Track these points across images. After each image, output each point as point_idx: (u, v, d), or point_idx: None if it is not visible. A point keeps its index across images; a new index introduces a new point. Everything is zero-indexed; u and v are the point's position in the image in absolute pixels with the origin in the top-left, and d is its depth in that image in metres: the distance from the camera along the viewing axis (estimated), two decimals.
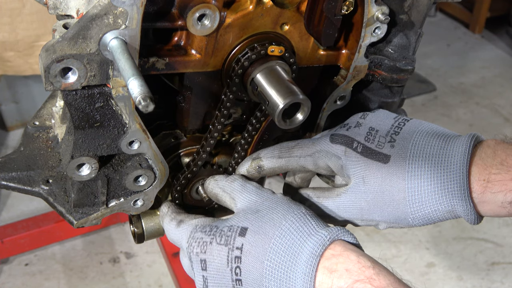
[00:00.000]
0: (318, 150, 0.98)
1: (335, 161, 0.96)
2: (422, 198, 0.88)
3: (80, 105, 0.82)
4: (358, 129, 0.96)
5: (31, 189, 1.02)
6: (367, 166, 0.92)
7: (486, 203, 0.86)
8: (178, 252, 2.68)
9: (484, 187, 0.85)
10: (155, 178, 0.98)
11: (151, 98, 0.69)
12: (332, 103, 1.08)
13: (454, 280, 2.72)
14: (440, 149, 0.89)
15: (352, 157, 0.94)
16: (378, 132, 0.95)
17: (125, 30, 0.76)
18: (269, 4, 0.88)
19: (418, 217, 0.89)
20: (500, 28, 5.10)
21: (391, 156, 0.91)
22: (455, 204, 0.86)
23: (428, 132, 0.93)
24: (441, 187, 0.86)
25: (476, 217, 0.87)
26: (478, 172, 0.86)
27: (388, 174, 0.90)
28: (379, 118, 0.98)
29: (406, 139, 0.92)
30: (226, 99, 0.94)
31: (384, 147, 0.92)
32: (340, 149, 0.95)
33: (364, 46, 0.99)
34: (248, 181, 0.95)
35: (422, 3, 1.02)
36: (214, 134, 0.99)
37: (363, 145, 0.93)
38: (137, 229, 1.11)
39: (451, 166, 0.86)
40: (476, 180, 0.85)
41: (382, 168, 0.91)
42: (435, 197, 0.87)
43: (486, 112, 4.04)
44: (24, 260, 2.69)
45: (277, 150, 1.00)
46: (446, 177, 0.86)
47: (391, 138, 0.93)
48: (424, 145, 0.90)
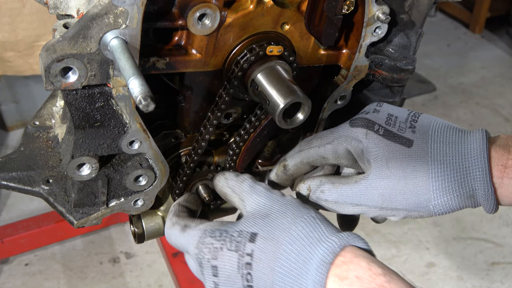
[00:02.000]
0: (337, 137, 0.96)
1: (355, 144, 0.94)
2: (445, 183, 0.87)
3: (81, 105, 0.82)
4: (377, 114, 0.95)
5: (31, 189, 1.02)
6: (390, 149, 0.90)
7: (504, 188, 0.86)
8: (178, 252, 2.68)
9: (502, 172, 0.86)
10: (155, 178, 0.97)
11: (151, 98, 0.69)
12: (332, 103, 1.08)
13: (454, 280, 2.72)
14: (459, 137, 0.90)
15: (374, 139, 0.92)
16: (397, 118, 0.94)
17: (126, 29, 0.76)
18: (270, 4, 0.88)
19: (440, 204, 0.88)
20: (500, 28, 5.10)
21: (414, 141, 0.90)
22: (477, 188, 0.86)
23: (443, 124, 0.94)
24: (463, 172, 0.87)
25: (494, 203, 0.87)
26: (497, 157, 0.87)
27: (412, 159, 0.89)
28: (395, 108, 0.98)
29: (425, 127, 0.92)
30: (222, 101, 0.94)
31: (406, 132, 0.92)
32: (361, 132, 0.94)
33: (364, 46, 0.99)
34: (257, 183, 0.93)
35: (423, 3, 1.02)
36: (205, 136, 0.98)
37: (385, 128, 0.92)
38: (137, 229, 1.11)
39: (471, 152, 0.87)
40: (495, 165, 0.87)
41: (406, 152, 0.90)
42: (458, 182, 0.87)
43: (486, 112, 4.04)
44: (24, 260, 2.69)
45: (297, 147, 1.01)
46: (468, 162, 0.87)
47: (411, 125, 0.93)
48: (442, 133, 0.91)
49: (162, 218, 1.13)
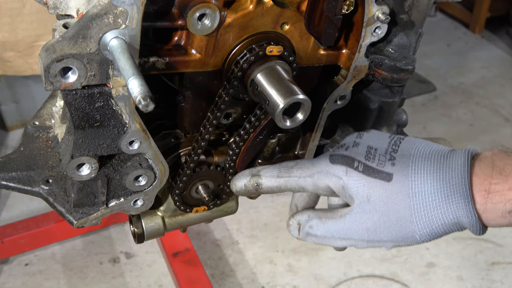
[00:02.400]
0: (318, 171, 0.96)
1: (336, 181, 0.94)
2: (428, 213, 0.88)
3: (80, 105, 0.82)
4: (357, 149, 0.95)
5: (31, 189, 1.02)
6: (370, 185, 0.91)
7: (489, 213, 0.86)
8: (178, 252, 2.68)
9: (485, 197, 0.85)
10: (155, 178, 0.97)
11: (151, 98, 0.69)
12: (332, 103, 1.08)
13: (454, 280, 2.72)
14: (440, 164, 0.89)
15: (354, 177, 0.92)
16: (377, 150, 0.94)
17: (125, 29, 0.76)
18: (269, 4, 0.88)
19: (425, 234, 0.89)
20: (500, 28, 5.09)
21: (394, 174, 0.90)
22: (461, 216, 0.86)
23: (425, 149, 0.93)
24: (445, 201, 0.87)
25: (481, 228, 0.87)
26: (479, 183, 0.86)
27: (393, 192, 0.89)
28: (375, 137, 0.97)
29: (405, 156, 0.92)
30: (221, 101, 0.94)
31: (385, 165, 0.92)
32: (341, 169, 0.94)
33: (364, 46, 0.98)
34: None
35: (423, 3, 1.02)
36: (205, 136, 0.98)
37: (364, 164, 0.92)
38: (137, 229, 1.11)
39: (453, 179, 0.87)
40: (478, 191, 0.86)
41: (386, 187, 0.90)
42: (441, 212, 0.87)
43: (486, 112, 4.04)
44: (24, 260, 2.69)
45: (276, 170, 0.98)
46: (450, 190, 0.87)
47: (390, 156, 0.92)
48: (424, 161, 0.90)
49: (162, 218, 1.13)
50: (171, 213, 1.13)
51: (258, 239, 2.86)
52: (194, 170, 1.05)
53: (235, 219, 2.93)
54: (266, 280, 2.66)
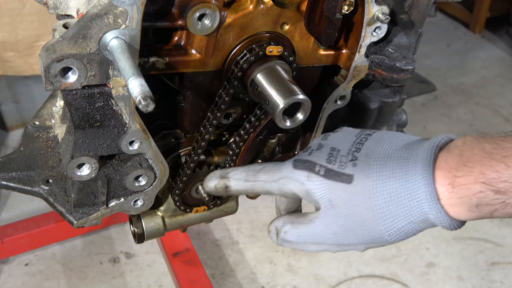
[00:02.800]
0: (282, 177, 0.95)
1: (299, 187, 0.93)
2: (392, 213, 0.85)
3: (80, 105, 0.82)
4: (320, 152, 0.93)
5: (31, 189, 1.02)
6: (331, 189, 0.89)
7: (457, 208, 0.82)
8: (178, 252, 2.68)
9: (450, 192, 0.81)
10: (155, 178, 0.98)
11: (151, 98, 0.69)
12: (332, 103, 1.08)
13: (454, 280, 2.72)
14: (403, 160, 0.86)
15: (315, 181, 0.91)
16: (339, 151, 0.92)
17: (125, 29, 0.76)
18: (269, 4, 0.88)
19: (394, 233, 0.86)
20: (500, 28, 5.09)
21: (354, 175, 0.87)
22: (427, 212, 0.82)
23: (391, 143, 0.90)
24: (408, 198, 0.83)
25: (451, 223, 0.83)
26: (443, 176, 0.81)
27: (354, 194, 0.87)
28: (340, 136, 0.95)
29: (368, 155, 0.89)
30: (221, 101, 0.94)
31: (346, 167, 0.89)
32: (303, 175, 0.92)
33: (364, 46, 0.99)
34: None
35: (422, 3, 1.02)
36: (205, 136, 0.98)
37: (325, 168, 0.90)
38: (137, 229, 1.11)
39: (415, 175, 0.83)
40: (442, 185, 0.81)
41: (347, 189, 0.88)
42: (405, 209, 0.84)
43: (486, 112, 4.04)
44: (24, 260, 2.68)
45: (244, 173, 0.98)
46: (412, 187, 0.83)
47: (352, 156, 0.90)
48: (386, 158, 0.87)
49: (162, 218, 1.13)
50: (171, 213, 1.13)
51: (258, 239, 2.86)
52: (194, 170, 1.05)
53: (235, 219, 2.93)
54: (266, 280, 2.66)
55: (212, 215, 1.18)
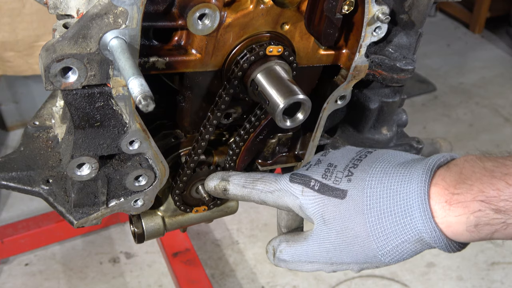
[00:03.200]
0: (278, 189, 0.94)
1: (293, 200, 0.92)
2: (385, 230, 0.81)
3: (80, 105, 0.82)
4: (317, 167, 0.93)
5: (31, 189, 1.02)
6: (324, 204, 0.87)
7: (454, 227, 0.77)
8: (178, 252, 2.68)
9: (446, 210, 0.77)
10: (155, 178, 0.98)
11: (151, 98, 0.69)
12: (332, 103, 1.08)
13: (454, 280, 2.72)
14: (400, 176, 0.83)
15: (309, 196, 0.89)
16: (336, 167, 0.90)
17: (125, 29, 0.76)
18: (270, 4, 0.88)
19: (387, 253, 0.82)
20: (500, 28, 5.09)
21: (348, 191, 0.86)
22: (421, 230, 0.78)
23: (389, 161, 0.87)
24: (402, 215, 0.80)
25: (449, 244, 0.79)
26: (438, 193, 0.78)
27: (347, 210, 0.85)
28: (340, 153, 0.95)
29: (364, 171, 0.87)
30: (222, 100, 0.94)
31: (341, 182, 0.87)
32: (298, 189, 0.92)
33: (364, 46, 0.98)
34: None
35: (423, 3, 1.02)
36: (205, 136, 0.98)
37: (320, 183, 0.89)
38: (137, 229, 1.11)
39: (410, 192, 0.79)
40: (437, 203, 0.78)
41: (340, 205, 0.86)
42: (399, 227, 0.80)
43: (486, 112, 4.04)
44: (24, 260, 2.69)
45: (243, 179, 0.98)
46: (407, 204, 0.79)
47: (348, 172, 0.88)
48: (382, 175, 0.84)
49: (162, 218, 1.13)
50: (171, 213, 1.13)
51: (258, 239, 2.86)
52: (194, 170, 1.05)
53: (235, 219, 2.93)
54: (266, 280, 2.66)
55: (212, 215, 1.18)
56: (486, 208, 0.73)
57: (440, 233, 0.78)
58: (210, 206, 1.14)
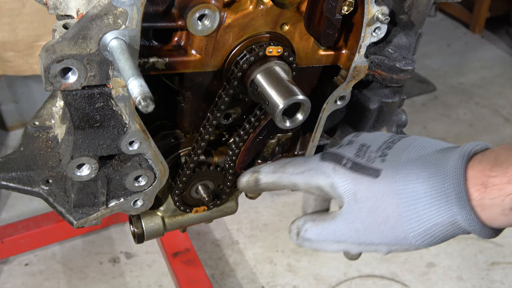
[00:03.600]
0: (309, 169, 0.93)
1: (324, 179, 0.91)
2: (418, 211, 0.80)
3: (80, 105, 0.82)
4: (349, 147, 0.92)
5: (31, 189, 1.02)
6: (356, 182, 0.86)
7: (488, 210, 0.76)
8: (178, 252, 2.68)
9: (482, 192, 0.76)
10: (155, 178, 0.98)
11: (151, 98, 0.69)
12: (332, 103, 1.08)
13: (454, 280, 2.72)
14: (435, 159, 0.82)
15: (341, 174, 0.89)
16: (369, 148, 0.90)
17: (125, 30, 0.76)
18: (269, 5, 0.88)
19: (419, 235, 0.81)
20: (500, 28, 5.09)
21: (382, 170, 0.85)
22: (455, 213, 0.78)
23: (425, 146, 0.86)
24: (437, 197, 0.79)
25: (483, 228, 0.78)
26: (474, 176, 0.77)
27: (379, 190, 0.84)
28: (373, 136, 0.94)
29: (398, 153, 0.86)
30: (221, 101, 0.94)
31: (374, 162, 0.86)
32: (329, 167, 0.90)
33: (364, 46, 0.99)
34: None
35: (422, 3, 1.02)
36: (205, 136, 0.98)
37: (353, 161, 0.88)
38: (137, 229, 1.11)
39: (446, 174, 0.79)
40: (474, 185, 0.77)
41: (373, 184, 0.85)
42: (433, 209, 0.79)
43: (486, 112, 4.04)
44: (24, 260, 2.69)
45: (273, 166, 0.97)
46: (442, 185, 0.79)
47: (382, 153, 0.87)
48: (418, 158, 0.84)
49: (162, 218, 1.13)
50: (171, 213, 1.13)
51: (258, 239, 2.86)
52: (194, 170, 1.05)
53: (235, 219, 2.93)
54: (266, 280, 2.66)
55: (212, 215, 1.19)
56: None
57: (475, 217, 0.77)
58: (210, 206, 1.14)
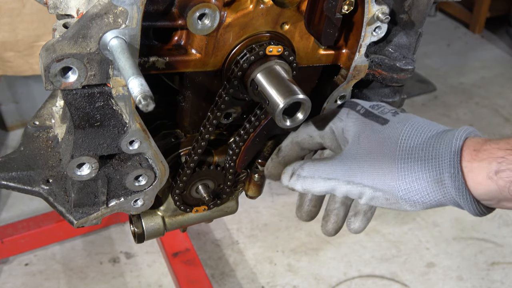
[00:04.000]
0: (323, 117, 1.00)
1: (337, 123, 0.98)
2: (411, 161, 0.86)
3: (80, 105, 0.82)
4: (367, 102, 1.00)
5: (31, 189, 1.02)
6: (364, 125, 0.94)
7: (475, 173, 0.82)
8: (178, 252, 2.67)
9: (473, 156, 0.83)
10: (155, 177, 0.98)
11: (151, 98, 0.69)
12: (332, 103, 1.08)
13: (454, 280, 2.72)
14: (437, 126, 0.90)
15: (353, 118, 0.96)
16: (384, 106, 0.98)
17: (125, 29, 0.76)
18: (269, 4, 0.88)
19: (407, 189, 0.86)
20: (500, 28, 5.09)
21: (390, 121, 0.92)
22: (444, 170, 0.83)
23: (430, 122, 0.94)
24: (432, 153, 0.86)
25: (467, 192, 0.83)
26: (470, 144, 0.84)
27: (383, 135, 0.91)
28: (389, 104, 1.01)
29: (409, 115, 0.94)
30: (221, 100, 0.94)
31: (386, 114, 0.95)
32: (344, 112, 0.98)
33: (364, 46, 0.99)
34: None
35: (422, 3, 1.02)
36: (205, 136, 0.98)
37: (366, 109, 0.96)
38: (137, 229, 1.11)
39: (445, 137, 0.86)
40: (467, 148, 0.84)
41: (379, 129, 0.92)
42: (424, 161, 0.86)
43: (486, 112, 4.04)
44: (24, 260, 2.68)
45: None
46: (439, 144, 0.86)
47: (395, 111, 0.96)
48: (423, 125, 0.91)
49: (162, 218, 1.13)
50: (171, 213, 1.13)
51: (258, 239, 2.86)
52: (194, 170, 1.05)
53: (235, 219, 2.93)
54: (266, 280, 2.65)
55: (212, 215, 1.19)
56: (509, 155, 0.80)
57: (461, 177, 0.83)
58: (210, 206, 1.14)
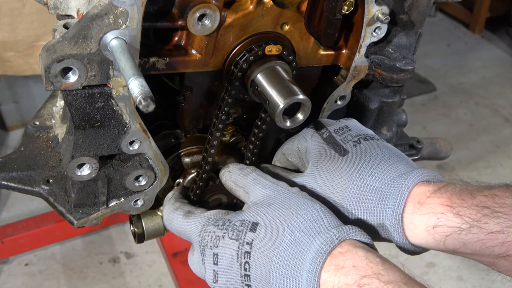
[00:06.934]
0: (297, 136, 1.02)
1: (302, 143, 0.99)
2: (359, 201, 0.88)
3: (81, 105, 0.82)
4: (335, 122, 1.00)
5: (31, 189, 1.02)
6: (324, 152, 0.94)
7: (414, 225, 0.85)
8: (178, 252, 2.67)
9: (416, 208, 0.84)
10: (155, 178, 0.98)
11: (151, 98, 0.69)
12: (332, 103, 1.08)
13: (454, 280, 2.72)
14: (393, 166, 0.89)
15: (316, 141, 0.97)
16: (350, 131, 0.97)
17: (126, 30, 0.76)
18: (270, 4, 0.88)
19: (353, 221, 0.89)
20: (500, 28, 5.09)
21: (349, 153, 0.92)
22: (386, 217, 0.86)
23: (394, 152, 0.93)
24: (379, 198, 0.87)
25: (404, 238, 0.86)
26: (418, 194, 0.85)
27: (340, 167, 0.91)
28: (359, 125, 1.00)
29: (370, 147, 0.93)
30: (225, 103, 0.94)
31: (347, 144, 0.94)
32: (309, 132, 0.99)
33: (364, 46, 0.99)
34: (263, 174, 0.94)
35: (422, 3, 1.03)
36: (213, 142, 0.98)
37: (330, 134, 0.97)
38: (137, 229, 1.11)
39: (396, 180, 0.87)
40: (411, 200, 0.85)
41: (336, 160, 0.92)
42: (371, 205, 0.87)
43: (486, 112, 4.04)
44: (24, 260, 2.69)
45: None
46: (387, 189, 0.87)
47: (358, 140, 0.95)
48: (379, 163, 0.90)
49: (162, 218, 1.13)
50: None
51: None
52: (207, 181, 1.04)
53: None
54: None
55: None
56: (448, 211, 0.82)
57: (400, 228, 0.85)
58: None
